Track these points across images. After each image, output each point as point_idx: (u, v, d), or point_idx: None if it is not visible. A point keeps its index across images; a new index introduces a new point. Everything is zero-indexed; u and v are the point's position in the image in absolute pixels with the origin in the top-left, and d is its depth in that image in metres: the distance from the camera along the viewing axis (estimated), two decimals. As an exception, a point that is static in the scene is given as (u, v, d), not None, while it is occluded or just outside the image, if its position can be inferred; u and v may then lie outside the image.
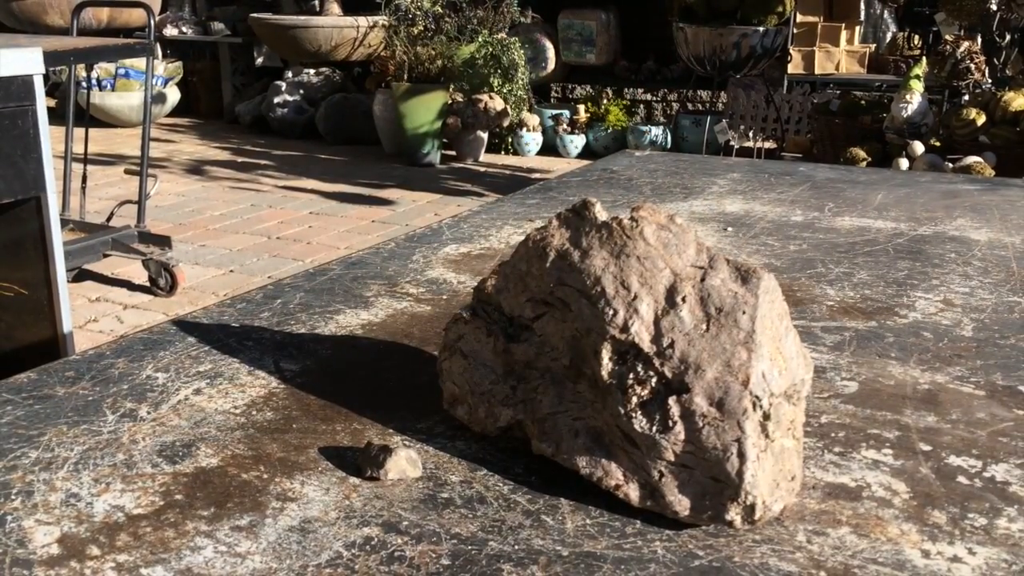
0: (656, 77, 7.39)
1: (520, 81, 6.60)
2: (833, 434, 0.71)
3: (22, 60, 1.93)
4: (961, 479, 0.64)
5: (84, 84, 7.35)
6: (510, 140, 7.02)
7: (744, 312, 0.60)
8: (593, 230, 0.64)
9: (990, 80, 4.65)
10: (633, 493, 0.59)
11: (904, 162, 4.16)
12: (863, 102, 4.92)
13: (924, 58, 4.71)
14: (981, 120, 4.17)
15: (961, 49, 4.58)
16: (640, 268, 0.61)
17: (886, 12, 6.71)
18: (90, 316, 3.72)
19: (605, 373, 0.60)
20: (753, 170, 1.72)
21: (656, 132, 6.69)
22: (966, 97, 4.60)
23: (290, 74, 7.94)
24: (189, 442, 0.68)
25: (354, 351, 0.86)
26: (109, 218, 4.16)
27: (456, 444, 0.68)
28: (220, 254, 4.57)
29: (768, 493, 0.57)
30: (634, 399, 0.59)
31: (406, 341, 0.88)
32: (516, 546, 0.56)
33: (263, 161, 6.79)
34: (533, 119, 6.96)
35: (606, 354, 0.60)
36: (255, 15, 7.75)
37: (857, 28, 6.50)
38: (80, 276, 4.05)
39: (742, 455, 0.56)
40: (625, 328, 0.60)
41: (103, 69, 7.76)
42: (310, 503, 0.61)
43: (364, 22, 7.27)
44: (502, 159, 6.93)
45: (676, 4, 5.51)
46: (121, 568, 0.54)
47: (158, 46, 8.18)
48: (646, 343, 0.59)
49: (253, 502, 0.61)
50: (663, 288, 0.61)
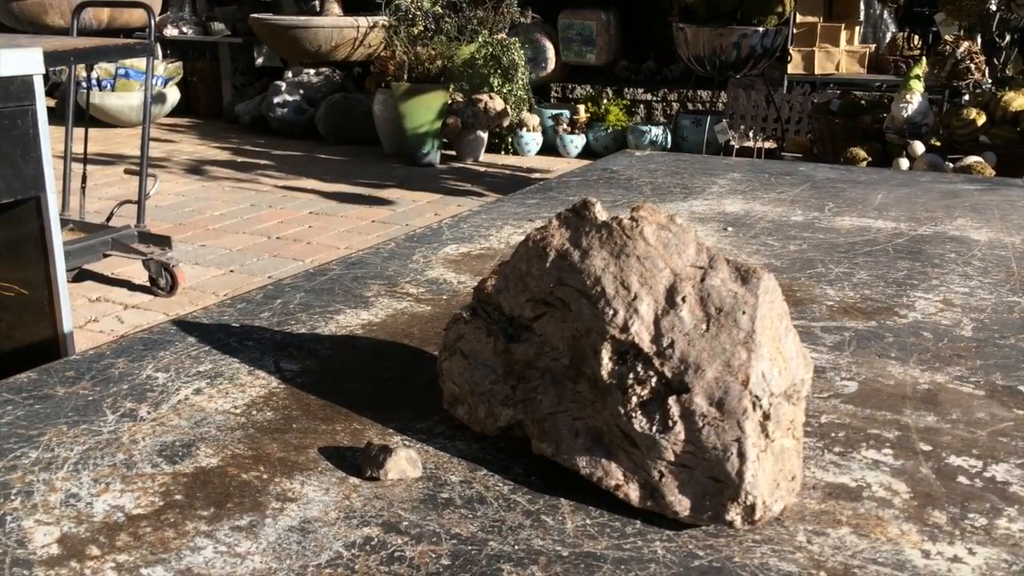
0: (656, 77, 7.39)
1: (520, 81, 6.60)
2: (833, 434, 0.71)
3: (22, 60, 1.93)
4: (961, 479, 0.64)
5: (84, 84, 7.35)
6: (510, 140, 7.02)
7: (744, 312, 0.60)
8: (593, 230, 0.64)
9: (990, 80, 4.65)
10: (633, 493, 0.59)
11: (904, 162, 4.16)
12: (863, 102, 4.92)
13: (924, 58, 4.71)
14: (981, 120, 4.17)
15: (961, 49, 4.58)
16: (640, 268, 0.61)
17: (886, 12, 6.71)
18: (90, 316, 3.72)
19: (605, 373, 0.60)
20: (753, 170, 1.72)
21: (656, 132, 6.69)
22: (966, 97, 4.60)
23: (290, 74, 7.94)
24: (189, 442, 0.68)
25: (354, 351, 0.86)
26: (109, 218, 4.16)
27: (456, 444, 0.68)
28: (220, 254, 4.57)
29: (768, 493, 0.57)
30: (634, 399, 0.59)
31: (406, 341, 0.88)
32: (516, 546, 0.56)
33: (263, 161, 6.79)
34: (533, 119, 6.96)
35: (606, 354, 0.60)
36: (255, 15, 7.75)
37: (857, 28, 6.50)
38: (80, 276, 4.05)
39: (742, 455, 0.56)
40: (625, 328, 0.60)
41: (103, 69, 7.76)
42: (310, 503, 0.61)
43: (364, 22, 7.28)
44: (502, 159, 6.93)
45: (676, 4, 5.50)
46: (121, 568, 0.54)
47: (158, 46, 8.18)
48: (646, 343, 0.59)
49: (253, 502, 0.61)
50: (663, 288, 0.61)
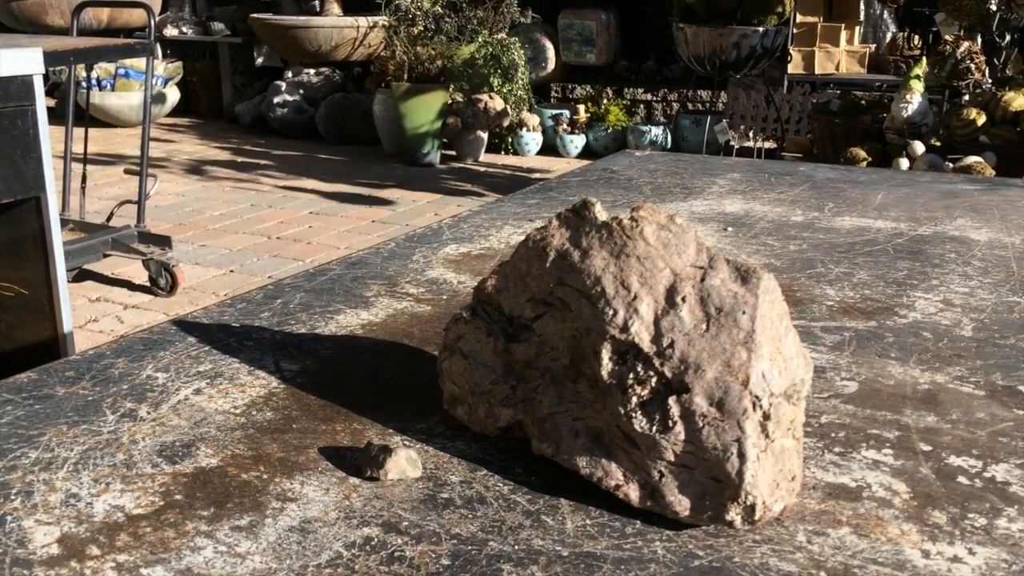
0: (656, 77, 7.39)
1: (520, 81, 6.60)
2: (833, 434, 0.71)
3: (22, 60, 1.93)
4: (961, 479, 0.64)
5: (84, 84, 7.35)
6: (510, 140, 7.02)
7: (744, 312, 0.60)
8: (593, 230, 0.64)
9: (990, 80, 4.65)
10: (633, 493, 0.59)
11: (904, 162, 4.16)
12: (863, 102, 4.92)
13: (924, 58, 4.71)
14: (981, 120, 4.17)
15: (961, 49, 4.58)
16: (640, 268, 0.61)
17: (886, 12, 6.71)
18: (90, 316, 3.72)
19: (605, 373, 0.60)
20: (753, 170, 1.72)
21: (656, 132, 6.69)
22: (966, 97, 4.60)
23: (290, 74, 7.94)
24: (189, 442, 0.68)
25: (354, 351, 0.86)
26: (109, 218, 4.16)
27: (456, 444, 0.68)
28: (220, 254, 4.57)
29: (768, 493, 0.57)
30: (634, 399, 0.59)
31: (406, 341, 0.88)
32: (516, 546, 0.56)
33: (263, 161, 6.79)
34: (533, 119, 6.96)
35: (606, 354, 0.60)
36: (255, 15, 7.75)
37: (857, 28, 6.50)
38: (80, 276, 4.05)
39: (742, 455, 0.56)
40: (625, 328, 0.60)
41: (103, 69, 7.75)
42: (310, 503, 0.61)
43: (364, 22, 7.27)
44: (502, 159, 6.93)
45: (676, 4, 5.50)
46: (121, 568, 0.54)
47: (158, 46, 8.18)
48: (646, 343, 0.59)
49: (253, 502, 0.61)
50: (663, 288, 0.61)
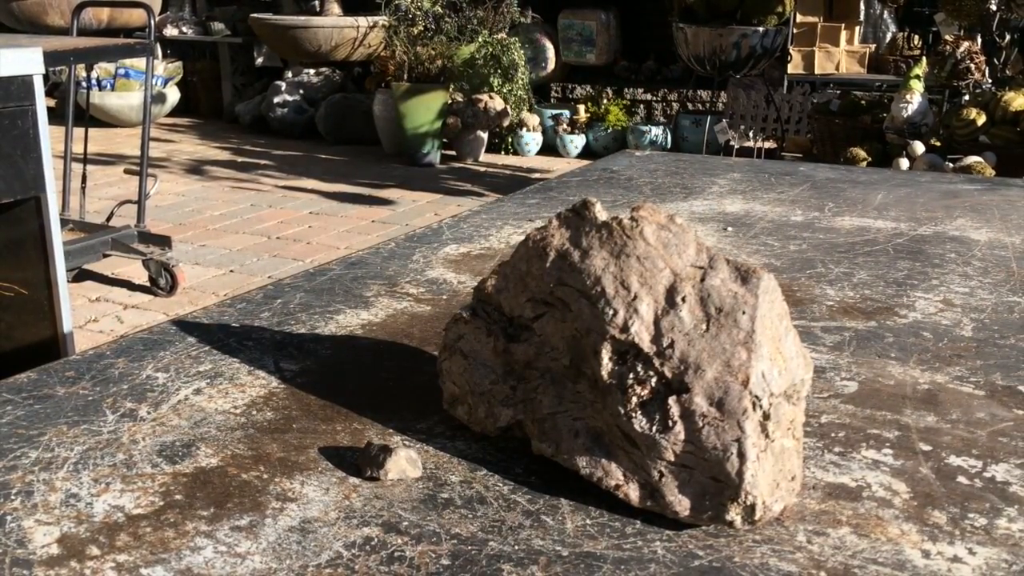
0: (656, 77, 7.38)
1: (520, 81, 6.60)
2: (833, 434, 0.71)
3: (22, 60, 1.93)
4: (961, 479, 0.64)
5: (84, 84, 7.34)
6: (510, 140, 7.02)
7: (744, 312, 0.60)
8: (593, 230, 0.64)
9: (990, 80, 4.65)
10: (633, 493, 0.59)
11: (904, 162, 4.16)
12: (863, 102, 4.93)
13: (924, 58, 4.71)
14: (981, 120, 4.17)
15: (961, 49, 4.58)
16: (640, 268, 0.61)
17: (886, 12, 6.71)
18: (90, 316, 3.72)
19: (605, 373, 0.60)
20: (753, 170, 1.72)
21: (656, 132, 6.69)
22: (966, 97, 4.60)
23: (290, 74, 7.94)
24: (189, 442, 0.68)
25: (354, 351, 0.86)
26: (109, 218, 4.16)
27: (456, 444, 0.68)
28: (220, 254, 4.57)
29: (768, 493, 0.57)
30: (634, 399, 0.59)
31: (406, 341, 0.88)
32: (516, 546, 0.56)
33: (263, 161, 6.79)
34: (533, 119, 6.96)
35: (606, 354, 0.60)
36: (255, 15, 7.74)
37: (857, 28, 6.50)
38: (80, 276, 4.05)
39: (742, 455, 0.56)
40: (625, 328, 0.60)
41: (103, 69, 7.75)
42: (310, 503, 0.61)
43: (364, 22, 7.27)
44: (502, 159, 6.93)
45: (676, 4, 5.50)
46: (121, 568, 0.54)
47: (158, 46, 8.18)
48: (646, 343, 0.59)
49: (253, 502, 0.61)
50: (663, 288, 0.61)
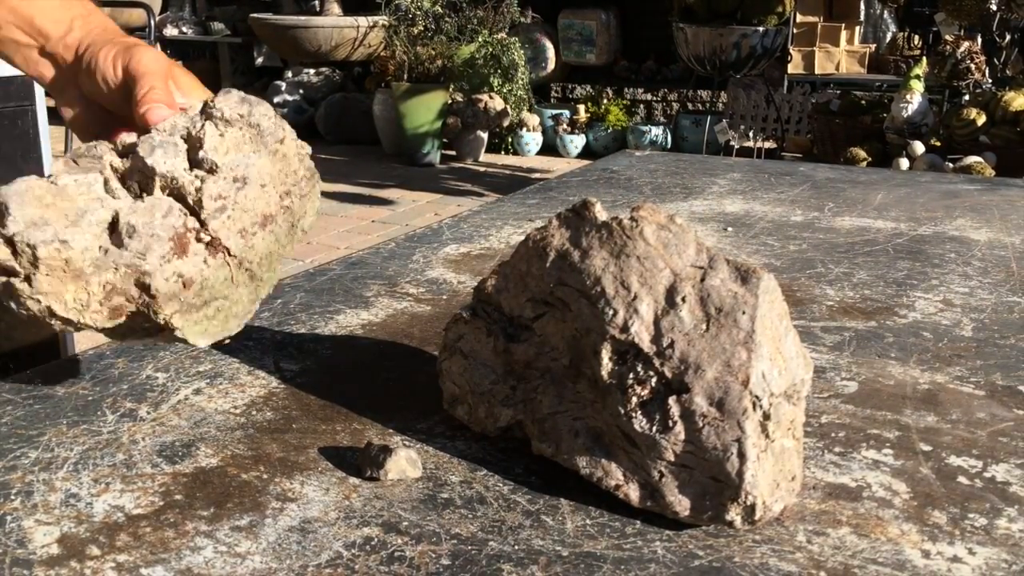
0: (656, 77, 7.38)
1: (520, 81, 6.59)
2: (833, 434, 0.71)
3: (22, 60, 1.93)
4: (961, 479, 0.64)
5: (84, 84, 7.34)
6: (510, 140, 7.01)
7: (744, 312, 0.60)
8: (593, 230, 0.64)
9: (990, 80, 4.65)
10: (633, 493, 0.59)
11: (904, 162, 4.16)
12: (863, 102, 4.92)
13: (924, 58, 4.71)
14: (981, 120, 4.17)
15: (961, 49, 4.58)
16: (640, 268, 0.61)
17: (886, 12, 6.71)
18: (90, 316, 3.72)
19: (605, 373, 0.60)
20: (753, 170, 1.72)
21: (656, 132, 6.69)
22: (966, 97, 4.60)
23: (290, 74, 7.94)
24: (189, 442, 0.68)
25: (354, 351, 0.86)
26: (109, 218, 4.15)
27: (456, 444, 0.68)
28: (220, 254, 4.56)
29: (768, 493, 0.57)
30: (634, 399, 0.59)
31: (406, 341, 0.88)
32: (516, 546, 0.56)
33: (263, 161, 6.77)
34: (533, 119, 6.95)
35: (606, 354, 0.60)
36: (255, 15, 7.74)
37: (857, 28, 6.50)
38: (80, 276, 4.05)
39: (742, 455, 0.56)
40: (625, 328, 0.60)
41: (103, 69, 7.74)
42: (310, 503, 0.61)
43: (364, 22, 7.27)
44: (502, 159, 6.93)
45: (676, 4, 5.50)
46: (121, 568, 0.54)
47: (158, 46, 8.17)
48: (646, 343, 0.59)
49: (253, 502, 0.61)
50: (663, 288, 0.61)
